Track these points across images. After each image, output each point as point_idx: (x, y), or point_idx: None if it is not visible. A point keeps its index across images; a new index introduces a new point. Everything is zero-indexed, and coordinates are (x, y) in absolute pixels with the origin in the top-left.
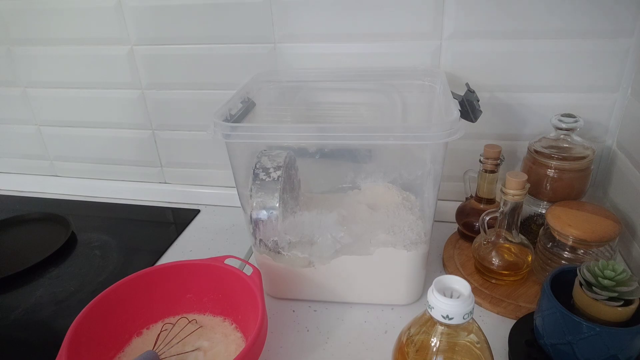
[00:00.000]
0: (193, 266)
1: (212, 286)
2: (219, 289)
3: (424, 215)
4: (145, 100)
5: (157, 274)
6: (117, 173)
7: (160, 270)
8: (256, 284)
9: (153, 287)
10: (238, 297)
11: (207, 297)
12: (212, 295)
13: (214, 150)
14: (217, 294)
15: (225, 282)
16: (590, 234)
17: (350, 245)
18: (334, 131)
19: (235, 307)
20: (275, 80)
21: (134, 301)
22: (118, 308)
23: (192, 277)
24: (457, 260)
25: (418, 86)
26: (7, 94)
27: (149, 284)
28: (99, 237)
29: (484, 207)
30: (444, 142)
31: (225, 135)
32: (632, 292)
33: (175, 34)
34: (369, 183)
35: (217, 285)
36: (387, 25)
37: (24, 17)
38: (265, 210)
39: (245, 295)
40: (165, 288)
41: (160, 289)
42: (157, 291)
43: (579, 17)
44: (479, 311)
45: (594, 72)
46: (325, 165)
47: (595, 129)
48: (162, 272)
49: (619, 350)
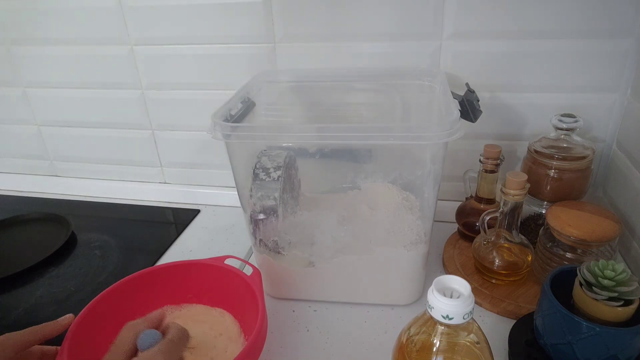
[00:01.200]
0: (193, 266)
1: (213, 286)
2: (219, 288)
3: (424, 215)
4: (145, 100)
5: (157, 273)
6: (117, 173)
7: (161, 270)
8: (256, 283)
9: (153, 286)
10: (238, 296)
11: (207, 297)
12: (212, 295)
13: (214, 150)
14: (217, 293)
15: (225, 282)
16: (590, 234)
17: (350, 245)
18: (334, 131)
19: (236, 306)
20: (275, 80)
21: (134, 301)
22: (118, 308)
23: (192, 277)
24: (457, 260)
25: (418, 86)
26: (7, 94)
27: (149, 284)
28: (99, 237)
29: (484, 207)
30: (444, 142)
31: (225, 135)
32: (632, 292)
33: (175, 34)
34: (369, 183)
35: (218, 285)
36: (387, 25)
37: (24, 17)
38: (265, 210)
39: (245, 295)
40: (166, 288)
41: (161, 288)
42: (158, 290)
43: (579, 17)
44: (479, 311)
45: (594, 72)
46: (325, 165)
47: (595, 129)
48: (163, 272)
49: (619, 350)
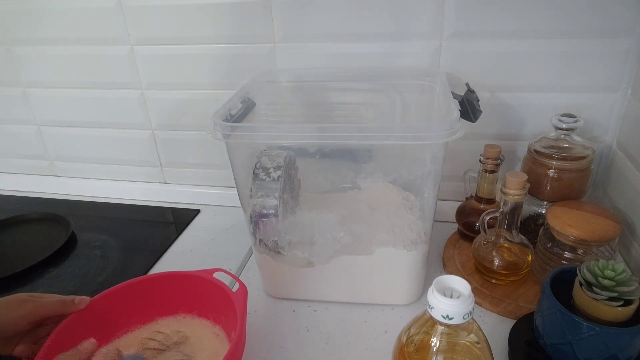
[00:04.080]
0: (183, 277)
1: (201, 298)
2: (207, 301)
3: (424, 215)
4: (145, 100)
5: (144, 284)
6: (117, 173)
7: (147, 281)
8: (239, 300)
9: (142, 297)
10: (225, 310)
11: (197, 309)
12: (201, 306)
13: (214, 150)
14: (205, 305)
15: (212, 294)
16: (590, 234)
17: (350, 245)
18: (334, 131)
19: (224, 319)
20: (275, 80)
21: (124, 311)
22: (96, 319)
23: (180, 288)
24: (457, 260)
25: (418, 86)
26: (7, 94)
27: (137, 295)
28: (99, 237)
29: (484, 207)
30: (444, 142)
31: (225, 135)
32: (632, 292)
33: (175, 34)
34: (369, 183)
35: (205, 298)
36: (387, 25)
37: (24, 17)
38: (265, 210)
39: (229, 311)
40: (154, 298)
41: (149, 299)
42: (147, 300)
43: (579, 17)
44: (479, 311)
45: (594, 72)
46: (325, 165)
47: (595, 129)
48: (148, 283)
49: (619, 350)
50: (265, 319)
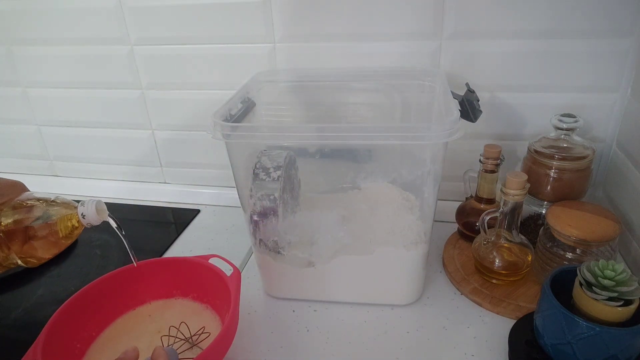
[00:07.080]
0: (180, 262)
1: (197, 282)
2: (203, 285)
3: (424, 215)
4: (145, 100)
5: (142, 269)
6: (117, 173)
7: (146, 265)
8: (233, 282)
9: (139, 281)
10: (220, 293)
11: (194, 292)
12: (197, 290)
13: (214, 150)
14: (201, 289)
15: (207, 279)
16: (590, 234)
17: (350, 245)
18: (334, 131)
19: (219, 303)
20: (275, 80)
21: (120, 295)
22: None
23: (177, 273)
24: (457, 260)
25: (418, 86)
26: (7, 94)
27: (134, 279)
28: (100, 236)
29: (484, 207)
30: (444, 142)
31: (225, 135)
32: (632, 292)
33: (175, 34)
34: (369, 183)
35: (202, 282)
36: (387, 25)
37: (24, 17)
38: (265, 210)
39: (224, 293)
40: (152, 282)
41: (147, 283)
42: (145, 285)
43: (578, 17)
44: (479, 311)
45: (594, 72)
46: (325, 165)
47: (595, 129)
48: (147, 267)
49: (619, 350)
50: (265, 319)
